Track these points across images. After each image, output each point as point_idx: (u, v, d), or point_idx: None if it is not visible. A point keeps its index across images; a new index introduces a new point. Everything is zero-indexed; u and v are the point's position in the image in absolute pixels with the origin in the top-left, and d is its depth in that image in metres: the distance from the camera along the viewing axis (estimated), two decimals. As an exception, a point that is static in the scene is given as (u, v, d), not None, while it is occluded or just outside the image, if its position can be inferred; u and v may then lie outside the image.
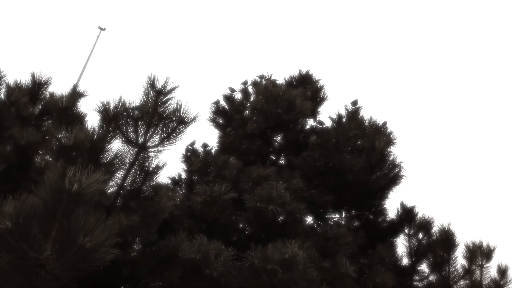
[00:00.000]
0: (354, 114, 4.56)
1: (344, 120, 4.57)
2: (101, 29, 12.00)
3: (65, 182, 1.61)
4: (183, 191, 4.45)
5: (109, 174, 2.49)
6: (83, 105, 3.49)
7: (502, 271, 4.18)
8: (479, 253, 4.22)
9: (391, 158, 4.38)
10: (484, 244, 4.29)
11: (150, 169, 2.47)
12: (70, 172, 1.67)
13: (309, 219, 4.52)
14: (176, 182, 4.63)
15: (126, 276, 3.01)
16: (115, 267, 2.89)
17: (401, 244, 4.43)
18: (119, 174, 2.65)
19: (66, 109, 2.67)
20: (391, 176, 4.38)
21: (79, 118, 3.14)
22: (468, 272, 4.22)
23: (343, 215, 4.75)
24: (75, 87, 4.01)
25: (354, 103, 4.65)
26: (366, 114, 4.62)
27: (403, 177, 4.44)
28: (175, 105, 2.58)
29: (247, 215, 3.69)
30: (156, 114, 2.53)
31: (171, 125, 2.55)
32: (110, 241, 1.62)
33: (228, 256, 2.96)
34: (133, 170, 2.51)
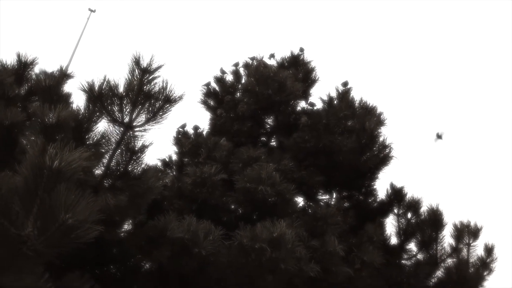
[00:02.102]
0: (344, 95, 4.54)
1: (335, 101, 4.56)
2: (91, 10, 11.80)
3: (46, 159, 1.59)
4: (174, 173, 4.45)
5: (94, 153, 2.47)
6: (70, 87, 3.45)
7: (489, 250, 4.26)
8: (467, 232, 4.28)
9: (381, 139, 4.40)
10: (472, 224, 4.36)
11: (136, 148, 2.45)
12: (51, 149, 1.65)
13: (300, 200, 4.56)
14: (166, 164, 4.62)
15: (115, 256, 3.02)
16: (104, 246, 2.90)
17: (390, 224, 4.49)
18: (106, 155, 2.64)
19: (49, 88, 2.63)
20: (381, 156, 4.40)
21: (65, 98, 3.11)
22: (455, 250, 4.30)
23: (334, 196, 4.79)
24: (62, 67, 3.94)
25: (345, 84, 4.64)
26: (357, 95, 4.62)
27: (393, 157, 4.47)
28: (161, 84, 2.56)
29: (237, 196, 3.70)
30: (142, 93, 2.50)
31: (157, 104, 2.53)
32: (93, 218, 1.61)
33: (217, 235, 2.98)
34: (119, 150, 2.50)
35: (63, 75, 3.48)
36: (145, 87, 2.49)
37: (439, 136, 5.24)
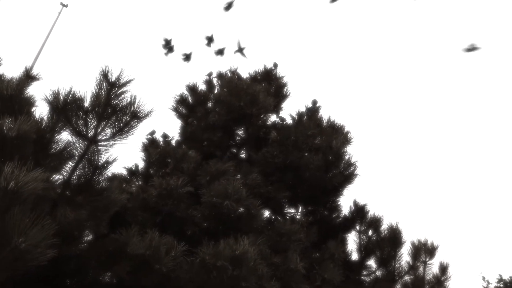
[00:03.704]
0: (313, 113, 4.64)
1: (304, 118, 4.64)
2: (64, 5, 11.45)
3: (1, 180, 1.54)
4: (139, 182, 4.39)
5: (54, 168, 2.41)
6: (35, 89, 3.34)
7: (443, 268, 4.45)
8: (423, 251, 4.46)
9: (346, 157, 4.52)
10: (429, 242, 4.55)
11: (100, 163, 2.41)
12: (7, 168, 1.60)
13: (266, 213, 4.60)
14: (133, 172, 4.54)
15: (72, 270, 2.94)
16: (61, 262, 2.82)
17: (352, 240, 4.60)
18: (68, 167, 2.58)
19: (11, 97, 2.55)
20: (346, 174, 4.52)
21: (28, 104, 3.01)
22: (412, 268, 4.46)
23: (299, 210, 4.87)
24: (27, 69, 3.81)
25: (314, 102, 4.74)
26: (325, 113, 4.73)
27: (357, 175, 4.60)
28: (129, 99, 2.53)
29: (202, 210, 3.69)
30: (109, 107, 2.47)
31: (124, 119, 2.50)
32: (46, 242, 1.58)
33: (179, 251, 2.96)
34: (82, 164, 2.45)
35: (27, 79, 3.37)
36: (112, 101, 2.46)
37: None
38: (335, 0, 4.79)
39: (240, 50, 5.77)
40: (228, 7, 4.77)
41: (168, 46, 5.53)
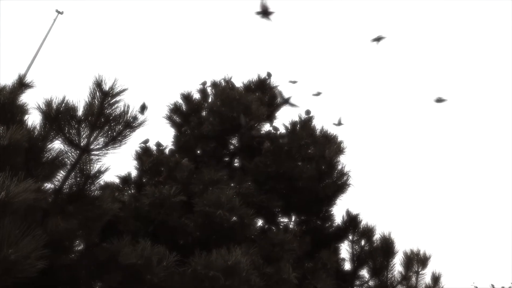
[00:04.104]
0: (306, 123, 4.67)
1: (297, 128, 4.67)
2: (59, 12, 11.44)
3: (-9, 190, 1.54)
4: (132, 191, 4.37)
5: (46, 177, 2.40)
6: (29, 96, 3.33)
7: (435, 278, 4.46)
8: (416, 261, 4.47)
9: (339, 167, 4.54)
10: (421, 252, 4.56)
11: (92, 173, 2.40)
12: (-2, 178, 1.60)
13: (259, 222, 4.60)
14: (125, 181, 4.53)
15: (63, 280, 2.91)
16: (51, 271, 2.79)
17: (345, 250, 4.61)
18: (60, 176, 2.57)
19: (3, 106, 2.54)
20: (338, 184, 4.54)
21: (21, 112, 3.00)
22: (404, 278, 4.47)
23: (293, 219, 4.87)
24: (20, 76, 3.81)
25: (307, 112, 4.78)
26: (318, 123, 4.77)
27: (350, 185, 4.62)
28: (122, 108, 2.54)
29: (195, 219, 3.68)
30: (102, 116, 2.48)
31: (117, 128, 2.51)
32: (37, 253, 1.57)
33: (171, 261, 2.94)
34: (74, 173, 2.44)
35: (20, 86, 3.37)
36: (105, 110, 2.47)
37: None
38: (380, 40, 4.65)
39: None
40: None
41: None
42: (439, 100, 4.94)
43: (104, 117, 2.45)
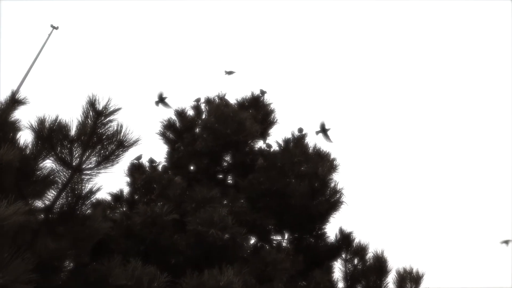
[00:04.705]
0: (299, 140, 4.70)
1: (290, 145, 4.70)
2: (54, 27, 11.43)
3: (-19, 213, 1.52)
4: (124, 208, 4.33)
5: (37, 195, 2.38)
6: (22, 113, 3.32)
7: (429, 297, 4.44)
8: (409, 279, 4.45)
9: (332, 185, 4.55)
10: (414, 270, 4.54)
11: (83, 193, 2.39)
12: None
13: (252, 240, 4.57)
14: (117, 198, 4.49)
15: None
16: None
17: (338, 269, 4.58)
18: (50, 195, 2.55)
19: (-5, 125, 2.53)
20: (331, 202, 4.54)
21: (13, 130, 2.99)
22: (397, 297, 4.44)
23: (286, 237, 4.85)
24: (13, 93, 3.80)
25: (300, 130, 4.82)
26: (311, 141, 4.80)
27: (343, 203, 4.62)
28: (115, 128, 2.54)
29: (187, 238, 3.65)
30: (95, 136, 2.47)
31: (110, 148, 2.50)
32: (25, 276, 1.54)
33: (162, 282, 2.91)
34: (65, 193, 2.42)
35: (13, 103, 3.36)
36: (98, 130, 2.47)
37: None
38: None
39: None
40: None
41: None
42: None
43: (97, 136, 2.45)
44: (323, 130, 4.99)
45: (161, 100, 5.53)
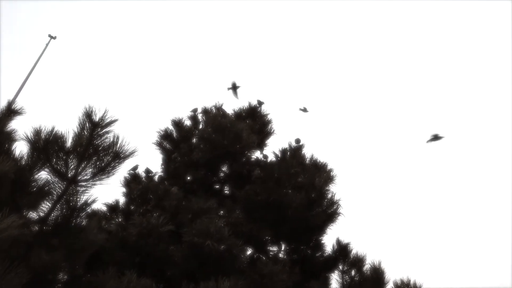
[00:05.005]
0: (296, 151, 4.70)
1: (287, 156, 4.70)
2: (52, 37, 11.48)
3: (-26, 226, 1.51)
4: (119, 219, 4.30)
5: (32, 207, 2.36)
6: (18, 124, 3.30)
7: (426, 308, 4.41)
8: (406, 291, 4.42)
9: (329, 196, 4.54)
10: (411, 281, 4.52)
11: (78, 205, 2.37)
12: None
13: (249, 251, 4.53)
14: (113, 209, 4.46)
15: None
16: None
17: (335, 280, 4.54)
18: (45, 207, 2.52)
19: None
20: (328, 213, 4.53)
21: (9, 140, 2.97)
22: (396, 309, 4.40)
23: (282, 248, 4.82)
24: (10, 103, 3.79)
25: (297, 141, 4.82)
26: (308, 151, 4.80)
27: (340, 214, 4.61)
28: (111, 139, 2.53)
29: (183, 249, 3.62)
30: (91, 147, 2.46)
31: (106, 159, 2.49)
32: (18, 291, 1.52)
33: (157, 294, 2.88)
34: (59, 205, 2.40)
35: (9, 113, 3.35)
36: (94, 141, 2.46)
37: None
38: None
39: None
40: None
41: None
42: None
43: (93, 148, 2.44)
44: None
45: (234, 87, 5.45)
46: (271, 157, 4.89)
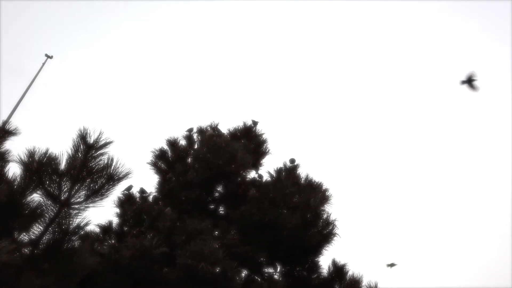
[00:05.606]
0: (291, 171, 4.70)
1: (282, 176, 4.69)
2: (48, 56, 11.55)
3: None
4: (113, 241, 4.24)
5: (23, 229, 2.33)
6: (13, 143, 3.29)
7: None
8: (403, 313, 4.37)
9: (325, 216, 4.52)
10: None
11: (70, 228, 2.34)
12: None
13: (244, 273, 4.47)
14: (106, 230, 4.40)
15: None
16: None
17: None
18: (37, 230, 2.49)
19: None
20: (324, 233, 4.50)
21: (2, 162, 2.95)
22: (392, 332, 4.34)
23: (278, 270, 4.76)
24: (4, 123, 3.78)
25: (292, 161, 4.83)
26: (303, 171, 4.80)
27: (336, 235, 4.57)
28: (106, 161, 2.53)
29: (177, 272, 3.57)
30: (84, 169, 2.46)
31: (99, 182, 2.48)
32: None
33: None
34: (51, 228, 2.38)
35: (3, 134, 3.33)
36: (88, 163, 2.45)
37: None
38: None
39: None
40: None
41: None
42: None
43: (87, 170, 2.43)
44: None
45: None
46: (266, 177, 4.89)
